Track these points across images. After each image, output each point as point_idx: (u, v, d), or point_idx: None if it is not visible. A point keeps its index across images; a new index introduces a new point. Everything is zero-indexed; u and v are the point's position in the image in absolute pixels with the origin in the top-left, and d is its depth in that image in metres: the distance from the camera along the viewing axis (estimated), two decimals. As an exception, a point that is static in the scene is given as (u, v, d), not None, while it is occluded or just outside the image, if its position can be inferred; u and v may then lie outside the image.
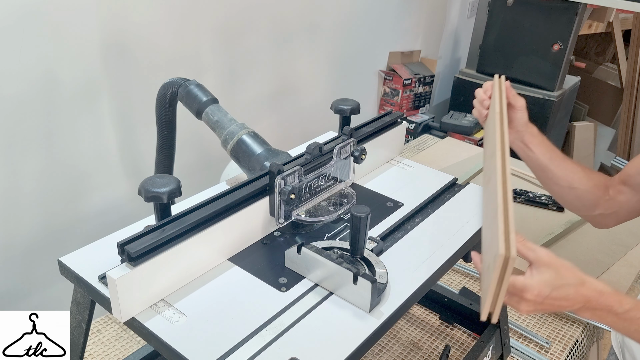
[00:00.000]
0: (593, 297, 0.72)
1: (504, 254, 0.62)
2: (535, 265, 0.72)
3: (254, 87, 1.78)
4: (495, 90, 1.01)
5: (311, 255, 0.77)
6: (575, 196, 1.05)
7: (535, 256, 0.72)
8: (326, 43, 2.02)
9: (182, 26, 1.47)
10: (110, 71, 1.33)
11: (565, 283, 0.71)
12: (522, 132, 1.04)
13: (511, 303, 0.73)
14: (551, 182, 1.07)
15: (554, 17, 2.13)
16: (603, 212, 1.04)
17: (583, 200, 1.05)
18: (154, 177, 0.76)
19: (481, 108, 1.03)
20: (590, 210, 1.05)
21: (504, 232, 0.66)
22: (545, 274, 0.71)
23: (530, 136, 1.05)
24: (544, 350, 1.20)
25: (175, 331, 0.69)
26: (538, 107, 2.20)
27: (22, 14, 1.12)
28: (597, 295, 0.72)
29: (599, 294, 0.72)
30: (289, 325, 0.70)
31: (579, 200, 1.06)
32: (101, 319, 1.24)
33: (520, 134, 1.05)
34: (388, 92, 2.44)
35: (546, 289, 0.70)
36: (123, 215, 1.46)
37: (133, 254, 0.68)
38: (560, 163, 1.05)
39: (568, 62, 2.21)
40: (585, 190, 1.04)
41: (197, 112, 1.01)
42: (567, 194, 1.06)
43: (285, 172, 0.83)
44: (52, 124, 1.25)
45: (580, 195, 1.04)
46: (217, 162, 1.36)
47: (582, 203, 1.06)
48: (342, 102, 1.04)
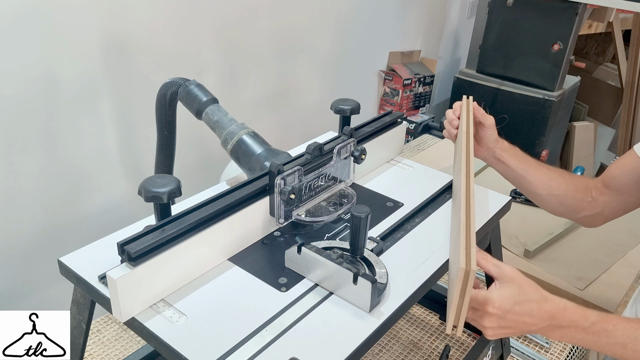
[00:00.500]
0: (557, 313, 0.72)
1: (464, 268, 0.66)
2: (499, 280, 0.73)
3: (254, 87, 1.78)
4: (463, 110, 1.06)
5: (311, 255, 0.77)
6: (558, 202, 1.07)
7: (499, 271, 0.73)
8: (326, 43, 2.02)
9: (182, 26, 1.47)
10: (110, 71, 1.33)
11: (528, 299, 0.71)
12: (493, 148, 1.08)
13: (474, 318, 0.73)
14: (531, 191, 1.09)
15: (554, 17, 2.13)
16: (588, 213, 1.05)
17: (566, 204, 1.06)
18: (154, 177, 0.76)
19: (451, 128, 1.07)
20: (575, 214, 1.07)
21: (465, 247, 0.69)
22: (508, 288, 0.71)
23: (501, 151, 1.08)
24: (544, 350, 1.21)
25: (175, 331, 0.69)
26: (538, 107, 2.20)
27: (22, 14, 1.12)
28: (561, 311, 0.72)
29: (563, 309, 0.72)
30: (289, 325, 0.70)
31: (562, 205, 1.07)
32: (101, 319, 1.24)
33: (491, 151, 1.08)
34: (388, 92, 2.45)
35: (508, 303, 0.70)
36: (123, 215, 1.46)
37: (133, 254, 0.68)
38: (535, 172, 1.07)
39: (568, 62, 2.21)
40: (565, 195, 1.05)
41: (197, 112, 1.01)
42: (549, 200, 1.07)
43: (285, 172, 0.83)
44: (52, 124, 1.25)
45: (562, 200, 1.06)
46: (217, 162, 1.36)
47: (565, 207, 1.07)
48: (342, 102, 1.04)
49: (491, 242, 1.02)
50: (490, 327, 0.72)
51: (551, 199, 1.07)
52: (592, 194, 1.03)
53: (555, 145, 2.44)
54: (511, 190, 1.67)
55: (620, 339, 0.73)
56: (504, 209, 1.00)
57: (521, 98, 2.21)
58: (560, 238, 1.50)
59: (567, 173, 1.09)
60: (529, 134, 2.23)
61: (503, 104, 2.28)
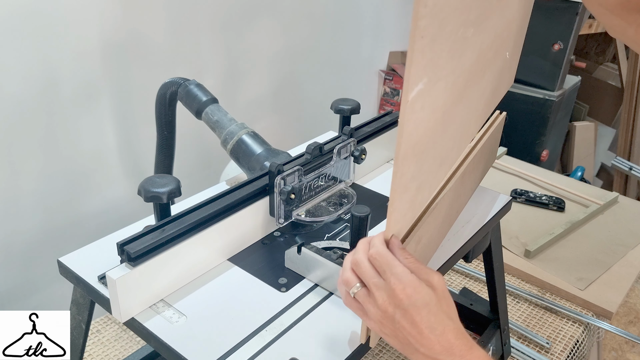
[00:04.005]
0: (458, 350, 0.55)
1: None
2: (419, 275, 0.57)
3: (254, 87, 1.78)
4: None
5: (311, 256, 0.76)
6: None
7: (426, 271, 0.58)
8: (326, 43, 2.02)
9: (182, 26, 1.47)
10: (110, 71, 1.33)
11: (441, 311, 0.56)
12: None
13: (371, 283, 0.58)
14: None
15: (554, 17, 2.12)
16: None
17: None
18: (154, 177, 0.76)
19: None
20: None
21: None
22: (427, 289, 0.56)
23: None
24: (545, 350, 1.20)
25: (175, 331, 0.69)
26: (538, 107, 2.20)
27: (22, 14, 1.12)
28: (466, 350, 0.56)
29: (468, 348, 0.56)
30: (289, 326, 0.70)
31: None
32: (101, 319, 1.24)
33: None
34: (388, 92, 2.44)
35: (419, 299, 0.55)
36: (123, 215, 1.46)
37: (133, 254, 0.68)
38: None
39: (568, 62, 2.20)
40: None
41: (197, 112, 1.01)
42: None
43: (285, 172, 0.83)
44: (52, 123, 1.25)
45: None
46: (217, 162, 1.36)
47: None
48: (342, 102, 1.04)
49: (491, 242, 1.02)
50: (379, 313, 0.57)
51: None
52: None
53: (555, 145, 2.44)
54: (511, 190, 1.67)
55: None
56: (505, 209, 0.99)
57: (521, 98, 2.21)
58: (561, 238, 1.50)
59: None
60: (529, 134, 2.23)
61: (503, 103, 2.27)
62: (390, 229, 0.59)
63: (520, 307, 1.33)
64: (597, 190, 1.80)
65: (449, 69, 0.55)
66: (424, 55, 0.48)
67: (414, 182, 0.58)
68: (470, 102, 0.69)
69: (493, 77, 0.78)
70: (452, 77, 0.56)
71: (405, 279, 0.56)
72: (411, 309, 0.55)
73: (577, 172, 2.55)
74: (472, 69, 0.63)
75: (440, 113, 0.57)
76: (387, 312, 0.56)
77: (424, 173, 0.61)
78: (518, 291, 1.36)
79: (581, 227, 1.55)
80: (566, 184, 1.74)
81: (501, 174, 1.82)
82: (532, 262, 1.41)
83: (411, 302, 0.55)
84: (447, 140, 0.65)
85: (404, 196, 0.58)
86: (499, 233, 1.05)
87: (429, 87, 0.51)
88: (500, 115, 1.04)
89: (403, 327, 0.56)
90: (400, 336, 0.57)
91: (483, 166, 1.01)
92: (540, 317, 1.30)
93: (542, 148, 2.25)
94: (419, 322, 0.55)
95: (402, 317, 0.55)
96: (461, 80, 0.60)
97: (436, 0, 0.46)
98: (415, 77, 0.48)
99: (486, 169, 1.06)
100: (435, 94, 0.54)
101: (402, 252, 0.58)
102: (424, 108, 0.52)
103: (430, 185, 0.67)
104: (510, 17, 0.74)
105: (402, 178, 0.55)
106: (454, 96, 0.60)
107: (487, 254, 1.04)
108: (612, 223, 1.59)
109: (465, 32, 0.55)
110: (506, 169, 1.84)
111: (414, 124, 0.52)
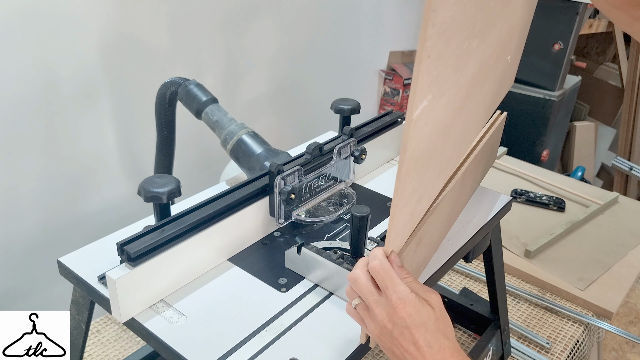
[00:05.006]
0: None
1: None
2: (418, 293, 0.58)
3: (254, 87, 1.78)
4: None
5: (311, 256, 0.76)
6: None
7: (425, 289, 0.60)
8: (326, 43, 2.02)
9: (182, 26, 1.47)
10: (110, 70, 1.33)
11: (437, 330, 0.57)
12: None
13: (370, 300, 0.59)
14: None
15: (555, 16, 2.12)
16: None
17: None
18: (154, 177, 0.76)
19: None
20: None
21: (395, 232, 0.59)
22: (427, 307, 0.57)
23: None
24: (545, 350, 1.20)
25: (175, 331, 0.68)
26: (538, 107, 2.20)
27: (22, 14, 1.12)
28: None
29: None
30: (289, 326, 0.70)
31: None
32: (101, 320, 1.24)
33: None
34: (388, 91, 2.44)
35: (417, 318, 0.56)
36: (122, 215, 1.46)
37: (132, 254, 0.68)
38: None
39: (569, 61, 2.20)
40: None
41: (197, 111, 1.01)
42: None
43: (285, 172, 0.83)
44: (52, 124, 1.25)
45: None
46: (217, 162, 1.36)
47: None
48: (342, 102, 1.04)
49: (492, 242, 1.02)
50: (378, 327, 0.58)
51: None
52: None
53: (556, 145, 2.44)
54: (512, 190, 1.67)
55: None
56: (505, 209, 0.99)
57: (522, 98, 2.20)
58: (561, 238, 1.50)
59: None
60: (530, 134, 2.23)
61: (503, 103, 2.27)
62: (390, 244, 0.59)
63: (520, 307, 1.33)
64: (597, 190, 1.80)
65: (452, 82, 0.54)
66: (429, 73, 0.48)
67: (415, 195, 0.59)
68: (471, 109, 0.68)
69: (495, 82, 0.78)
70: (455, 89, 0.56)
71: (407, 298, 0.57)
72: (411, 327, 0.56)
73: (578, 172, 2.55)
74: (474, 78, 0.62)
75: (442, 126, 0.57)
76: (386, 328, 0.57)
77: (424, 185, 0.61)
78: (518, 291, 1.36)
79: (581, 227, 1.55)
80: (566, 184, 1.74)
81: (501, 174, 1.82)
82: (532, 262, 1.41)
83: (411, 321, 0.56)
84: (448, 149, 0.65)
85: (405, 210, 0.58)
86: (499, 233, 1.05)
87: (432, 103, 0.51)
88: (501, 116, 1.04)
89: (400, 343, 0.57)
90: (397, 352, 0.58)
91: (483, 166, 1.01)
92: (540, 317, 1.30)
93: (543, 148, 2.25)
94: (417, 340, 0.56)
95: (400, 334, 0.57)
96: (463, 91, 0.60)
97: (444, 18, 0.46)
98: (421, 96, 0.48)
99: (486, 169, 1.06)
100: (438, 109, 0.53)
101: (401, 271, 0.60)
102: (427, 124, 0.52)
103: (430, 195, 0.67)
104: (513, 22, 0.74)
105: (404, 193, 0.55)
106: (456, 107, 0.60)
107: (487, 254, 1.04)
108: (613, 223, 1.59)
109: (470, 44, 0.55)
110: (506, 169, 1.84)
111: (416, 141, 0.52)
